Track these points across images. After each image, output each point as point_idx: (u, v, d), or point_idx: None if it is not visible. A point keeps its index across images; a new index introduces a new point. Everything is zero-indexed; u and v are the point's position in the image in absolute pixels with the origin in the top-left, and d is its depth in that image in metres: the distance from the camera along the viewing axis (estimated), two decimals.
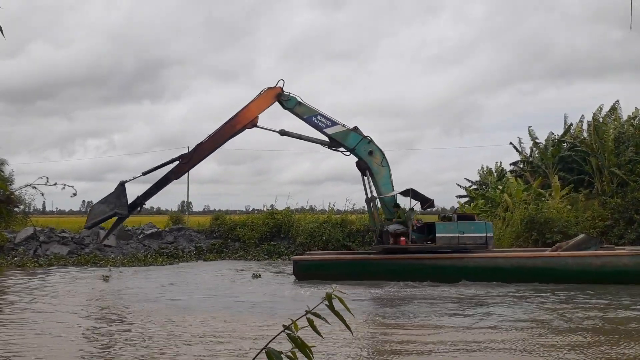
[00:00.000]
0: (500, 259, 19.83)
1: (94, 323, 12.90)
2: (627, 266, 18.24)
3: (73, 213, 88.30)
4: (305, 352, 2.34)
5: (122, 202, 20.13)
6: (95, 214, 20.21)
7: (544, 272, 18.77)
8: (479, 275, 19.10)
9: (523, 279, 18.45)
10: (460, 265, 19.70)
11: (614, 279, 17.90)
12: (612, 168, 29.61)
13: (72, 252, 29.74)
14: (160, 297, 16.61)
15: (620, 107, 33.73)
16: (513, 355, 9.39)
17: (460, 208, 34.49)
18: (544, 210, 26.34)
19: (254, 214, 38.79)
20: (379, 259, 20.67)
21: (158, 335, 11.36)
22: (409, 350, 9.94)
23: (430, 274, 19.44)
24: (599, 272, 18.27)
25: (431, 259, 19.94)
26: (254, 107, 20.87)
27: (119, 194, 20.16)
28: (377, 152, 21.41)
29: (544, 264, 19.15)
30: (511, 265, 19.33)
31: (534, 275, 18.69)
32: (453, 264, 19.75)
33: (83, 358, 9.65)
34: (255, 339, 10.74)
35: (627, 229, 25.41)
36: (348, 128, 21.34)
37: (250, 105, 20.87)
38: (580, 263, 18.77)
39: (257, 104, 20.87)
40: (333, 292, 2.42)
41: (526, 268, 19.08)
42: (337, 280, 19.20)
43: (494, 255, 20.17)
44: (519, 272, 18.92)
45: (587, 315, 12.92)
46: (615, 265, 18.35)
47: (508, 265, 19.31)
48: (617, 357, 9.25)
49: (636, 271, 17.97)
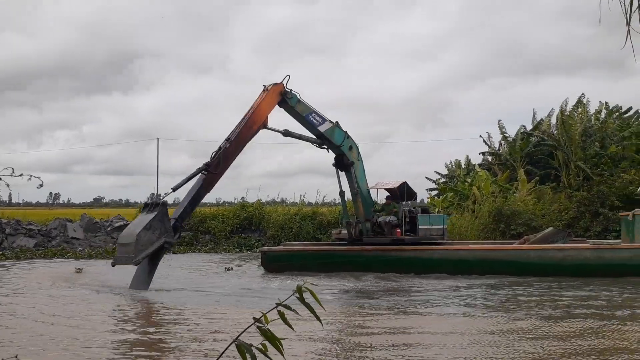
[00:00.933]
0: (463, 251, 20.24)
1: (53, 319, 12.70)
2: (588, 260, 18.59)
3: (40, 205, 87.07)
4: (275, 345, 2.35)
5: (167, 227, 16.95)
6: (143, 244, 16.34)
7: (506, 264, 19.07)
8: (442, 267, 19.42)
9: (486, 272, 18.73)
10: (424, 257, 20.05)
11: (575, 271, 18.24)
12: (578, 162, 30.16)
13: (39, 244, 29.29)
14: (129, 291, 16.41)
15: (587, 100, 34.35)
16: (492, 344, 9.51)
17: (430, 201, 34.81)
18: (511, 202, 26.73)
19: (224, 206, 38.64)
20: (347, 250, 20.82)
21: (128, 330, 11.26)
22: (382, 343, 10.01)
23: (396, 265, 19.79)
24: (560, 265, 18.61)
25: (398, 251, 20.32)
26: (264, 105, 19.36)
27: (162, 217, 16.97)
28: (354, 147, 21.41)
29: (506, 257, 19.48)
30: (475, 257, 19.68)
31: (497, 267, 19.00)
32: (416, 256, 20.08)
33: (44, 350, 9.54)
34: (225, 332, 10.71)
35: (592, 221, 25.91)
36: (334, 124, 20.91)
37: (261, 104, 19.29)
38: (542, 256, 19.15)
39: (267, 103, 19.37)
40: (304, 284, 2.43)
41: (489, 260, 19.39)
42: (305, 272, 19.39)
43: (458, 248, 20.64)
44: (483, 264, 19.23)
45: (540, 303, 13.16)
46: (576, 259, 18.70)
47: (471, 258, 19.67)
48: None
49: (597, 264, 18.34)
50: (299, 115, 20.13)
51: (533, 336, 10.13)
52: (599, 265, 18.31)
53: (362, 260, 20.20)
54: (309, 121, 20.24)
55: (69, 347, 9.60)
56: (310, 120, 20.26)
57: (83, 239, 30.70)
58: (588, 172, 29.45)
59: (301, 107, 20.08)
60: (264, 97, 19.26)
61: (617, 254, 18.55)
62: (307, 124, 20.47)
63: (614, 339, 9.89)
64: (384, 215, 21.31)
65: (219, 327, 11.27)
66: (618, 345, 9.50)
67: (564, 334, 10.30)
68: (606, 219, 25.45)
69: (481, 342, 9.67)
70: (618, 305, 13.36)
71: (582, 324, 11.16)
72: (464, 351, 9.04)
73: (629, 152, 30.36)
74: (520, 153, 33.45)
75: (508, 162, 34.08)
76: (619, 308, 13.01)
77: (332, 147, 21.01)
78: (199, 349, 9.52)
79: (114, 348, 9.71)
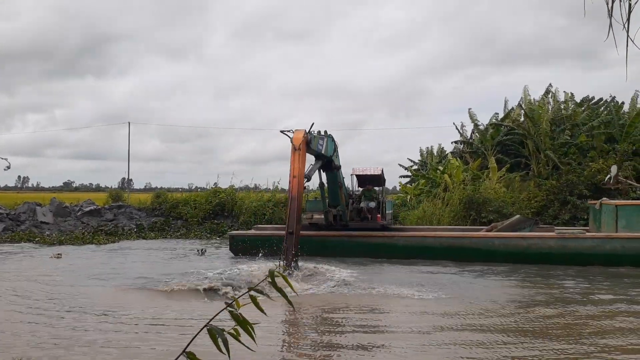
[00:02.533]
0: (429, 238, 20.52)
1: (25, 306, 12.57)
2: (551, 248, 18.93)
3: (8, 189, 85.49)
4: (246, 329, 2.37)
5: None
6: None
7: (471, 251, 19.39)
8: (407, 253, 19.72)
9: (451, 258, 19.08)
10: (389, 243, 20.47)
11: (539, 259, 18.60)
12: (547, 151, 30.57)
13: (7, 228, 28.84)
14: (95, 277, 16.24)
15: (556, 89, 34.84)
16: (471, 328, 9.66)
17: (402, 188, 35.06)
18: (481, 190, 27.04)
19: (197, 192, 38.44)
20: (314, 235, 20.93)
21: (92, 317, 11.16)
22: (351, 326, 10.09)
23: (363, 251, 20.24)
24: (524, 253, 18.97)
25: (365, 237, 20.84)
26: (301, 165, 17.41)
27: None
28: (336, 147, 20.93)
29: (471, 244, 19.78)
30: (440, 244, 19.97)
31: (462, 254, 19.32)
32: (384, 242, 20.57)
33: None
34: (195, 317, 10.69)
35: (561, 209, 26.31)
36: (328, 138, 19.80)
37: (299, 168, 17.31)
38: (506, 244, 19.46)
39: (302, 161, 17.42)
40: (276, 269, 2.45)
41: (454, 247, 19.69)
42: (274, 256, 19.38)
43: (424, 235, 20.99)
44: (447, 251, 19.55)
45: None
46: (540, 247, 19.04)
47: (437, 244, 19.96)
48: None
49: (560, 253, 18.69)
50: (314, 152, 19.04)
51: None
52: (562, 254, 18.65)
53: (330, 245, 20.62)
54: (319, 152, 19.28)
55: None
56: (319, 149, 19.22)
57: (52, 223, 30.29)
58: (556, 161, 29.91)
59: (314, 142, 18.98)
60: (297, 157, 17.35)
61: (581, 243, 18.90)
62: (315, 154, 19.38)
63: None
64: (365, 201, 22.06)
65: (190, 313, 11.23)
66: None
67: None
68: (574, 207, 25.88)
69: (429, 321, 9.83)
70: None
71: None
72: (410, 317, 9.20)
73: (598, 142, 30.85)
74: (491, 141, 33.80)
75: (480, 151, 34.42)
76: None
77: (324, 157, 20.07)
78: (170, 334, 9.50)
79: (82, 330, 9.63)
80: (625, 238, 18.43)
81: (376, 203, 22.13)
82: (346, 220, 21.71)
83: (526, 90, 34.35)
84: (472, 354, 8.31)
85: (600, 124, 31.73)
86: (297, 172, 17.08)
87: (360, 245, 20.56)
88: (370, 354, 8.46)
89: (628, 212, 19.01)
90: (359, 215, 22.13)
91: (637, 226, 18.67)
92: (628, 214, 18.95)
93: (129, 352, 8.53)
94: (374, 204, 22.10)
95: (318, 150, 18.86)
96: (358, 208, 22.10)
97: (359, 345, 8.86)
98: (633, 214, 18.93)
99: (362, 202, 22.21)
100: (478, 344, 8.79)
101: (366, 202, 22.20)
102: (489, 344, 8.79)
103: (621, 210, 19.07)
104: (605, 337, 9.28)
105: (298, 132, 17.57)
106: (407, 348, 8.63)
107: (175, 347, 8.49)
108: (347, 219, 21.78)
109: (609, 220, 19.29)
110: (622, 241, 18.41)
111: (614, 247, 18.39)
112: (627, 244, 18.34)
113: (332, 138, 20.25)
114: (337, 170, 21.03)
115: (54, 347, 8.80)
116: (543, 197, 27.01)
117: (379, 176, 22.84)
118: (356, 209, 22.18)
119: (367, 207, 21.95)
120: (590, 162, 28.64)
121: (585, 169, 27.60)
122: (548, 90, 35.23)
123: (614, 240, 18.53)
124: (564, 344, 8.78)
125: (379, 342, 9.03)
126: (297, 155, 17.21)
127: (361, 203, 22.14)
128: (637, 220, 18.78)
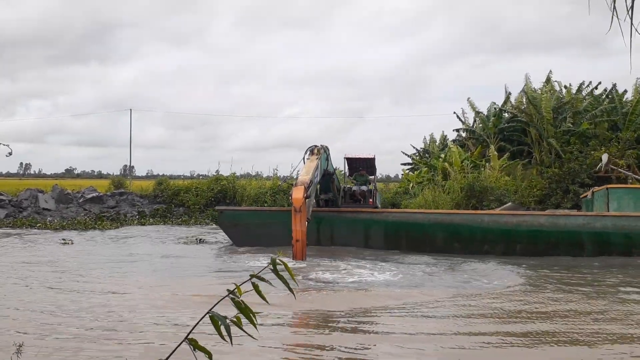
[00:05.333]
0: (419, 214, 20.32)
1: (28, 286, 12.61)
2: (542, 226, 18.68)
3: (10, 175, 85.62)
4: (248, 317, 2.37)
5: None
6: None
7: (460, 228, 19.21)
8: (396, 229, 19.62)
9: (440, 235, 19.11)
10: (378, 219, 20.21)
11: (530, 237, 18.47)
12: (549, 139, 30.51)
13: (10, 215, 28.93)
14: (96, 264, 16.29)
15: (555, 80, 34.76)
16: (467, 315, 9.70)
17: (405, 176, 35.07)
18: (482, 178, 27.01)
19: (198, 179, 38.48)
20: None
21: (96, 304, 11.19)
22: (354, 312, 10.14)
23: (352, 228, 19.99)
24: (515, 231, 18.71)
25: (355, 212, 20.49)
26: (302, 228, 16.63)
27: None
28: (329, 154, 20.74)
29: (460, 221, 19.50)
30: (429, 220, 19.77)
31: (451, 230, 19.22)
32: (372, 218, 20.30)
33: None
34: (197, 304, 10.71)
35: (563, 198, 26.28)
36: (322, 151, 19.39)
37: (298, 229, 16.63)
38: (497, 220, 19.24)
39: (303, 222, 16.52)
40: (277, 257, 2.45)
41: (444, 224, 19.46)
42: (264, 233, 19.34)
43: (414, 211, 20.92)
44: (436, 227, 19.37)
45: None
46: (531, 224, 18.77)
47: (425, 221, 19.72)
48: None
49: (550, 231, 18.48)
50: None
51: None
52: (553, 232, 18.46)
53: (318, 219, 19.82)
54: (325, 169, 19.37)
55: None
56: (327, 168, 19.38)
57: (55, 210, 30.34)
58: (558, 149, 29.85)
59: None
60: (298, 220, 16.61)
61: (572, 221, 18.66)
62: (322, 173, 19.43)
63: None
64: (358, 185, 22.42)
65: (192, 300, 11.25)
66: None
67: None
68: (576, 196, 25.86)
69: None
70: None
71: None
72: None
73: (601, 130, 30.77)
74: (493, 129, 33.73)
75: (481, 138, 34.36)
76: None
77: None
78: (171, 320, 9.52)
79: (79, 318, 9.66)
80: (616, 216, 18.28)
81: (367, 188, 22.25)
82: (337, 205, 21.40)
83: (527, 78, 34.22)
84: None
85: (602, 112, 31.63)
86: (300, 235, 16.28)
87: (350, 222, 19.97)
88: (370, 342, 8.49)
89: (619, 195, 18.97)
90: (351, 198, 22.15)
91: (627, 208, 18.61)
92: (619, 196, 18.91)
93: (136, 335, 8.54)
94: (366, 187, 22.23)
95: (325, 168, 19.41)
96: (350, 192, 22.15)
97: (358, 343, 8.88)
98: (624, 196, 18.90)
99: (354, 186, 22.38)
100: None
101: (358, 185, 22.38)
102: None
103: (612, 193, 19.02)
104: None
105: (297, 192, 16.47)
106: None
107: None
108: (339, 204, 21.48)
109: (601, 205, 19.27)
110: (613, 219, 18.22)
111: (605, 225, 18.17)
112: (618, 221, 18.12)
113: (325, 150, 19.86)
114: (330, 176, 20.87)
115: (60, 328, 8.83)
116: (545, 185, 26.98)
117: (371, 160, 22.64)
118: (348, 193, 22.23)
119: (360, 190, 22.08)
120: (592, 150, 28.57)
121: (587, 157, 27.55)
122: (549, 78, 35.11)
123: (605, 218, 18.37)
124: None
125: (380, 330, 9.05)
126: (298, 218, 16.29)
127: (353, 187, 22.27)
128: (628, 203, 18.72)
